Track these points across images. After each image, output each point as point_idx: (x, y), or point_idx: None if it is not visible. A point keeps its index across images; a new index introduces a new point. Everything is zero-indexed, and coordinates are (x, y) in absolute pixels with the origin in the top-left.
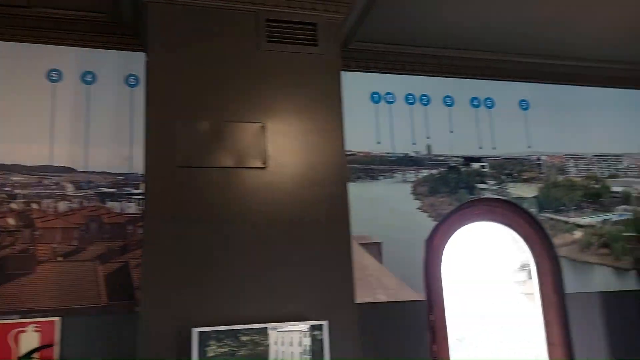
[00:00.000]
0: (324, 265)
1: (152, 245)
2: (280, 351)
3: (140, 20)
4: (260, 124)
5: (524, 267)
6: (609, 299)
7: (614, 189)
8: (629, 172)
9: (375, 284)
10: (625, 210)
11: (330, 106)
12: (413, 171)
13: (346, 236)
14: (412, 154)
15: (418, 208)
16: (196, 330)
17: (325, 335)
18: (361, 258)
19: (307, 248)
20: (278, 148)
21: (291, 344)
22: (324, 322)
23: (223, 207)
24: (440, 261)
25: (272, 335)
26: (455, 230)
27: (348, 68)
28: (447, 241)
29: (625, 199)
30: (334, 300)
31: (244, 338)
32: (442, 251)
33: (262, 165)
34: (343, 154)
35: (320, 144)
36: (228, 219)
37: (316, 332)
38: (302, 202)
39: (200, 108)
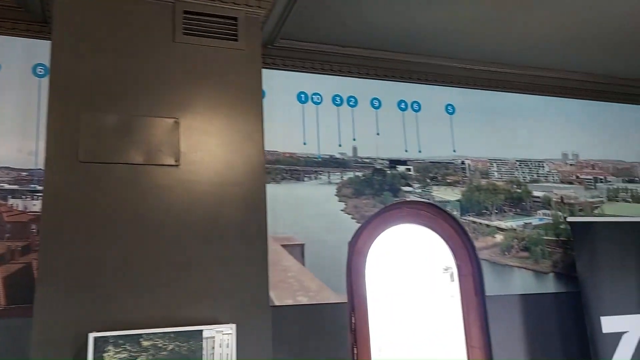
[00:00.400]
0: (238, 267)
1: (48, 246)
2: (185, 356)
3: (48, 6)
4: (173, 120)
5: (447, 269)
6: (528, 301)
7: (535, 193)
8: (549, 178)
9: (297, 286)
10: (545, 214)
11: (250, 104)
12: (338, 173)
13: (262, 238)
14: (338, 156)
15: (342, 210)
16: (92, 335)
17: (233, 339)
18: (283, 260)
19: (220, 250)
20: (193, 145)
21: (197, 348)
22: (231, 326)
23: (130, 206)
24: (364, 263)
25: (176, 340)
26: (379, 232)
27: (274, 67)
28: (371, 243)
29: (546, 203)
30: (247, 303)
31: (145, 343)
32: (366, 253)
33: (175, 163)
34: (262, 153)
35: (238, 142)
36: (134, 218)
37: (224, 336)
38: (217, 203)
39: (107, 100)
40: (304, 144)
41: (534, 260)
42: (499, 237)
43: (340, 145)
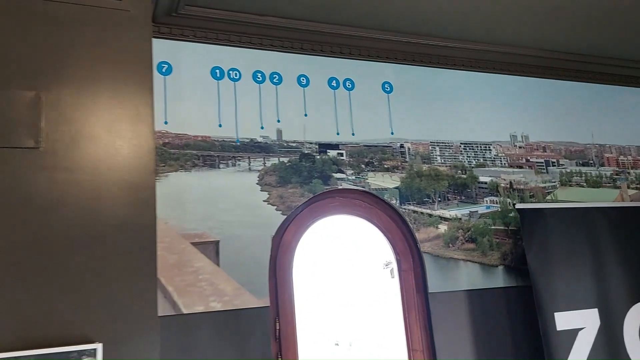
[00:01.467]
0: (116, 274)
1: None
2: None
3: None
4: (34, 93)
5: (388, 265)
6: (475, 297)
7: (482, 179)
8: (497, 162)
9: (210, 290)
10: (493, 202)
11: (137, 74)
12: (260, 159)
13: (149, 238)
14: (260, 140)
15: (265, 200)
16: None
17: None
18: (194, 260)
19: (95, 254)
20: (60, 124)
21: None
22: (97, 346)
23: None
24: (291, 260)
25: None
26: (308, 225)
27: (184, 38)
28: (299, 238)
29: (493, 189)
30: (126, 317)
31: None
32: (294, 249)
33: (35, 145)
34: (151, 133)
35: (121, 120)
36: None
37: (88, 358)
38: (91, 195)
39: None
40: (220, 126)
41: (481, 252)
42: (442, 228)
43: (262, 128)
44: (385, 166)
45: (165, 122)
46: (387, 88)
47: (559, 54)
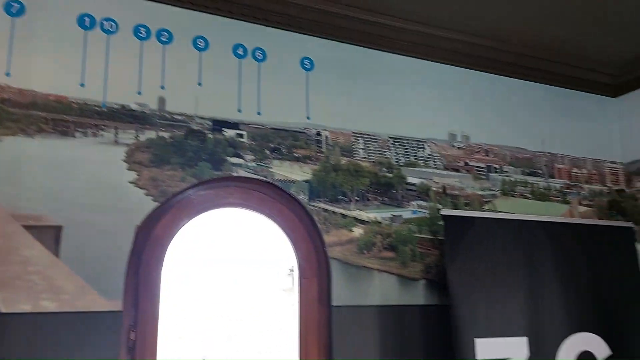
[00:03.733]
0: None
1: None
2: None
3: None
4: None
5: (292, 271)
6: (388, 314)
7: (411, 179)
8: (430, 162)
9: (42, 285)
10: (421, 206)
11: None
12: (132, 130)
13: None
14: (135, 107)
15: (132, 182)
16: None
17: None
18: (23, 247)
19: None
20: None
21: None
22: None
23: None
24: (161, 258)
25: None
26: (189, 216)
27: None
28: (175, 231)
29: (423, 193)
30: None
31: None
32: (167, 245)
33: None
34: None
35: None
36: None
37: None
38: None
39: None
40: (82, 85)
41: (401, 262)
42: (357, 231)
43: (140, 93)
44: (296, 155)
45: (7, 74)
46: (307, 65)
47: (513, 46)
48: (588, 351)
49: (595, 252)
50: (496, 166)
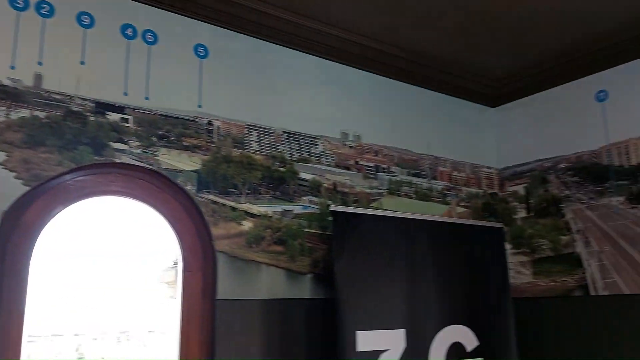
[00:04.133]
0: None
1: None
2: None
3: None
4: None
5: (176, 264)
6: (274, 307)
7: (303, 175)
8: (323, 159)
9: None
10: (312, 202)
11: None
12: (3, 108)
13: None
14: (7, 83)
15: (0, 163)
16: None
17: None
18: None
19: None
20: None
21: None
22: None
23: None
24: (31, 247)
25: None
26: (65, 203)
27: None
28: (48, 219)
29: (315, 189)
30: None
31: None
32: (37, 233)
33: None
34: None
35: None
36: None
37: None
38: None
39: None
40: None
41: (290, 256)
42: (247, 225)
43: (13, 68)
44: (185, 144)
45: None
46: (200, 52)
47: (405, 53)
48: (459, 342)
49: (469, 249)
50: (384, 166)
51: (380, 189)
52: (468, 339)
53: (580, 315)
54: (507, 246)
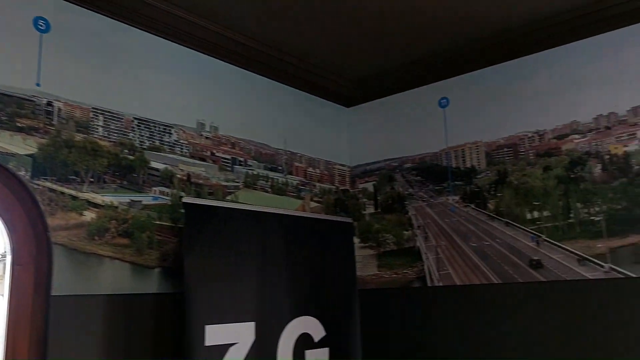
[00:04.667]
0: None
1: None
2: None
3: None
4: None
5: (4, 257)
6: (117, 303)
7: (154, 164)
8: (177, 148)
9: None
10: (164, 193)
11: None
12: None
13: None
14: None
15: None
16: None
17: None
18: None
19: None
20: None
21: None
22: None
23: None
24: None
25: None
26: None
27: None
28: None
29: (166, 179)
30: None
31: None
32: None
33: None
34: None
35: None
36: None
37: None
38: None
39: None
40: None
41: (137, 249)
42: (89, 215)
43: None
44: (19, 125)
45: None
46: (41, 25)
47: (266, 47)
48: (307, 333)
49: (320, 243)
50: (241, 159)
51: (237, 182)
52: (316, 329)
53: (419, 304)
54: (356, 240)
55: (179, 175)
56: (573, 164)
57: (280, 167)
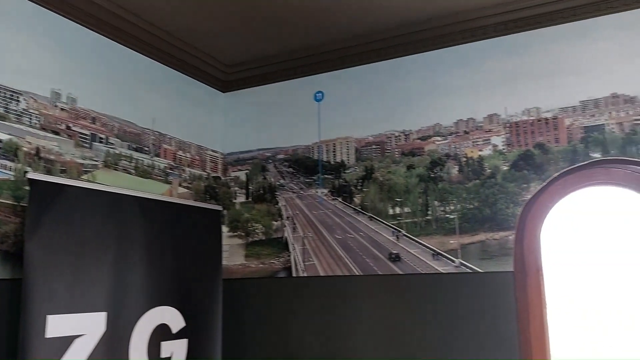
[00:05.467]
0: None
1: None
2: None
3: None
4: None
5: None
6: None
7: None
8: (25, 118)
9: None
10: (5, 167)
11: None
12: None
13: None
14: None
15: None
16: None
17: None
18: None
19: None
20: None
21: None
22: None
23: None
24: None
25: None
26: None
27: None
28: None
29: (11, 152)
30: None
31: None
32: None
33: None
34: None
35: None
36: None
37: None
38: None
39: None
40: None
41: None
42: None
43: None
44: None
45: None
46: None
47: (137, 19)
48: (165, 324)
49: (185, 231)
50: (102, 136)
51: (95, 161)
52: (175, 320)
53: (283, 294)
54: (225, 229)
55: (25, 148)
56: (433, 164)
57: (146, 148)
